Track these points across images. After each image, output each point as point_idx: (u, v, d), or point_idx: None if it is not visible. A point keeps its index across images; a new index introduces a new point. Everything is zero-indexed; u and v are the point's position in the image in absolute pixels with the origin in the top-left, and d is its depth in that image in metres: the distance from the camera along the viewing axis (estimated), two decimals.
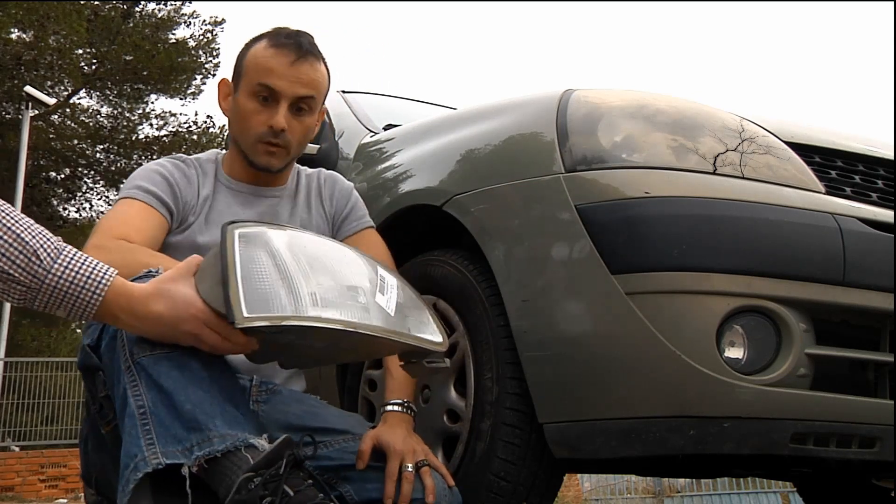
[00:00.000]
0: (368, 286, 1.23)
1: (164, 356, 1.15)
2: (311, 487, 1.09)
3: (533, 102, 1.67)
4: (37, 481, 8.39)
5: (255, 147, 1.54)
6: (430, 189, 1.76)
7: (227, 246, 1.13)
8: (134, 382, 1.14)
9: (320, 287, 1.16)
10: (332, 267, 1.23)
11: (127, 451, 1.11)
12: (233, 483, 1.06)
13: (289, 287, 1.13)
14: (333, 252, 1.30)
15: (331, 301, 1.15)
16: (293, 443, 1.10)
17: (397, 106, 2.94)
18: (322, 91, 1.58)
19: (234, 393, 1.19)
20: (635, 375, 1.36)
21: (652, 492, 8.62)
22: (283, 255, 1.17)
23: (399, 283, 1.31)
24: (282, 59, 1.51)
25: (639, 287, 1.35)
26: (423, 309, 1.31)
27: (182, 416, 1.11)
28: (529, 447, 1.49)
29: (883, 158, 1.63)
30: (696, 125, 1.51)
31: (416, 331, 1.25)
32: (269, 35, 1.56)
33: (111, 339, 1.19)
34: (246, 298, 1.08)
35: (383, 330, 1.18)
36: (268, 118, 1.51)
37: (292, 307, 1.11)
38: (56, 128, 15.01)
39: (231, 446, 1.09)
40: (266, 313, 1.08)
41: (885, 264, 1.41)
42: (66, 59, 13.56)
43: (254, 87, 1.52)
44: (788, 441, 1.33)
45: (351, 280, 1.22)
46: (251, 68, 1.54)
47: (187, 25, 15.37)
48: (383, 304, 1.22)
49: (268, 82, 1.51)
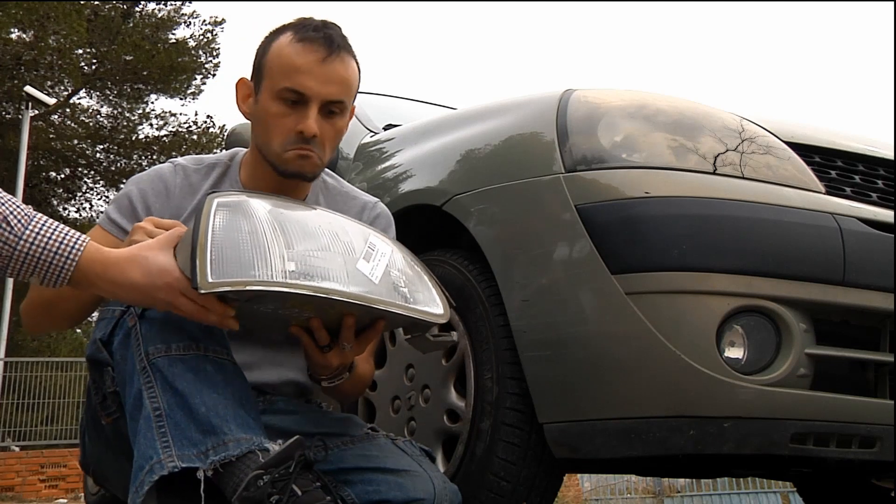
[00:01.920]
0: (352, 253, 1.19)
1: (179, 358, 1.15)
2: (319, 489, 1.09)
3: (533, 102, 1.67)
4: (37, 481, 8.38)
5: (283, 154, 1.35)
6: (430, 189, 1.76)
7: (202, 214, 1.12)
8: (149, 384, 1.14)
9: (295, 253, 1.12)
10: (314, 234, 1.18)
11: (142, 452, 1.11)
12: (241, 481, 1.06)
13: (260, 253, 1.10)
14: (318, 220, 1.24)
15: (305, 267, 1.11)
16: (304, 444, 1.11)
17: (397, 106, 2.94)
18: (354, 91, 1.40)
19: (246, 396, 1.19)
20: (635, 375, 1.36)
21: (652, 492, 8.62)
22: (261, 223, 1.15)
23: (395, 253, 1.25)
24: (311, 57, 1.32)
25: (639, 287, 1.35)
26: (424, 280, 1.26)
27: (197, 419, 1.11)
28: (529, 447, 1.49)
29: (883, 158, 1.64)
30: (696, 125, 1.51)
31: (412, 301, 1.20)
32: (294, 27, 1.36)
33: (125, 335, 1.19)
34: (212, 264, 1.06)
35: (360, 297, 1.13)
36: (296, 122, 1.32)
37: (260, 273, 1.08)
38: (56, 128, 15.01)
39: (245, 450, 1.09)
40: (231, 278, 1.07)
41: (885, 264, 1.41)
42: (66, 59, 13.55)
43: (280, 89, 1.32)
44: (788, 441, 1.33)
45: (332, 247, 1.18)
46: (275, 67, 1.34)
47: (187, 25, 15.38)
48: (366, 272, 1.16)
49: (296, 85, 1.31)
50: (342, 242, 1.20)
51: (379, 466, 1.33)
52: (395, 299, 1.18)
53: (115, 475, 1.36)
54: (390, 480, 1.30)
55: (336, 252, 1.17)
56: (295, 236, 1.16)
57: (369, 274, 1.17)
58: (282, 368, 1.45)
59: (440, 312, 1.23)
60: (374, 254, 1.21)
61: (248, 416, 1.15)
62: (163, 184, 1.42)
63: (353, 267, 1.16)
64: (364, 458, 1.34)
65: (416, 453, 1.37)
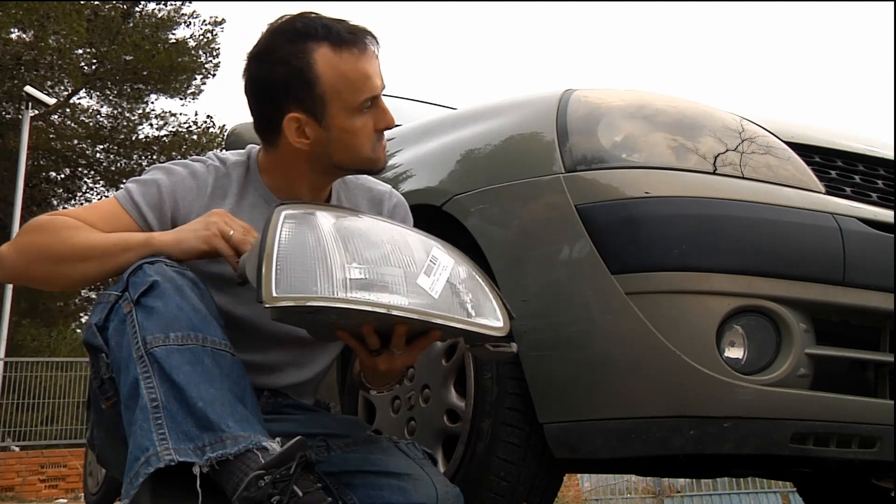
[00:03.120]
0: (413, 266, 1.20)
1: (177, 349, 1.14)
2: (321, 490, 1.09)
3: (533, 102, 1.67)
4: (37, 481, 8.39)
5: (373, 156, 1.36)
6: (430, 189, 1.76)
7: (269, 227, 1.14)
8: (147, 374, 1.13)
9: (358, 268, 1.14)
10: (377, 246, 1.20)
11: (138, 443, 1.10)
12: (242, 480, 1.06)
13: (324, 267, 1.12)
14: (381, 232, 1.25)
15: (366, 282, 1.13)
16: (306, 444, 1.10)
17: (397, 106, 2.93)
18: None
19: (245, 390, 1.18)
20: (635, 375, 1.36)
21: (652, 492, 8.62)
22: (326, 235, 1.17)
23: (457, 264, 1.26)
24: (360, 59, 1.31)
25: (639, 287, 1.35)
26: (486, 291, 1.26)
27: (194, 413, 1.10)
28: (529, 447, 1.49)
29: (883, 158, 1.64)
30: (696, 125, 1.51)
31: (472, 314, 1.20)
32: (325, 38, 1.31)
33: (120, 322, 1.18)
34: (277, 278, 1.09)
35: (418, 312, 1.14)
36: (376, 121, 1.34)
37: (322, 288, 1.10)
38: (56, 128, 15.01)
39: (243, 449, 1.09)
40: (295, 293, 1.09)
41: (885, 264, 1.41)
42: (66, 59, 13.55)
43: (360, 101, 1.31)
44: (788, 441, 1.33)
45: (394, 260, 1.19)
46: (343, 85, 1.30)
47: (187, 25, 15.38)
48: (426, 287, 1.18)
49: (373, 90, 1.31)
50: (404, 256, 1.21)
51: (381, 470, 1.32)
52: (455, 313, 1.19)
53: (115, 458, 1.34)
54: (393, 485, 1.30)
55: (397, 266, 1.18)
56: (357, 249, 1.17)
57: (429, 289, 1.18)
58: (304, 370, 1.45)
59: (499, 325, 1.22)
60: (436, 267, 1.22)
61: (247, 412, 1.14)
62: (195, 181, 1.38)
63: (413, 281, 1.17)
64: (367, 461, 1.34)
65: (418, 457, 1.37)
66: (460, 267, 1.26)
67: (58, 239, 1.26)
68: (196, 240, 1.25)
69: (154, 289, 1.18)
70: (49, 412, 9.61)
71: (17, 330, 13.00)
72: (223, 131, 14.74)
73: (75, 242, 1.26)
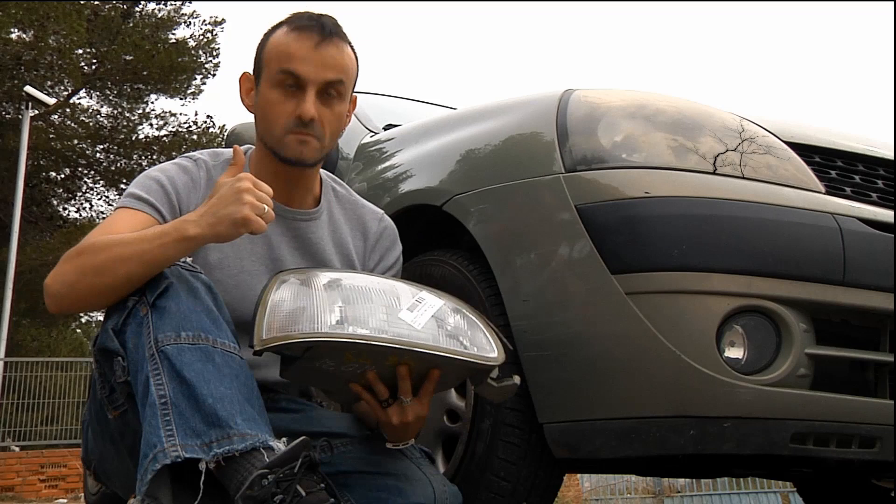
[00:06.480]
0: (397, 305, 1.25)
1: (188, 347, 1.15)
2: (323, 491, 1.09)
3: (533, 102, 1.67)
4: (37, 481, 8.39)
5: (283, 140, 1.39)
6: (430, 189, 1.76)
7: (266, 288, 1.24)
8: (157, 371, 1.14)
9: (341, 308, 1.21)
10: (363, 293, 1.25)
11: (147, 440, 1.11)
12: (245, 479, 1.06)
13: (310, 311, 1.19)
14: (371, 282, 1.31)
15: (349, 318, 1.19)
16: (310, 444, 1.11)
17: (397, 106, 2.94)
18: (351, 75, 1.44)
19: (253, 391, 1.19)
20: (635, 375, 1.36)
21: (652, 492, 8.62)
22: (315, 289, 1.24)
23: (446, 305, 1.30)
24: (305, 43, 1.37)
25: (639, 287, 1.35)
26: (478, 326, 1.30)
27: (202, 409, 1.11)
28: (529, 447, 1.49)
29: (883, 158, 1.63)
30: (696, 125, 1.51)
31: (462, 347, 1.24)
32: (289, 20, 1.43)
33: (137, 324, 1.19)
34: (267, 322, 1.18)
35: (401, 342, 1.19)
36: (295, 107, 1.37)
37: (306, 326, 1.17)
38: (56, 128, 15.00)
39: (250, 446, 1.09)
40: (281, 334, 1.17)
41: (885, 264, 1.41)
42: (66, 59, 13.55)
43: (277, 75, 1.38)
44: (788, 441, 1.33)
45: (378, 300, 1.24)
46: (272, 56, 1.40)
47: (187, 25, 15.37)
48: (408, 320, 1.22)
49: (291, 68, 1.37)
50: (389, 298, 1.26)
51: (379, 470, 1.32)
52: (440, 343, 1.22)
53: (118, 473, 1.35)
54: (390, 485, 1.30)
55: (380, 305, 1.24)
56: (343, 293, 1.24)
57: (411, 321, 1.23)
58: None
59: (493, 355, 1.25)
60: (421, 305, 1.27)
61: (255, 412, 1.15)
62: (188, 176, 1.44)
63: (395, 316, 1.22)
64: (364, 461, 1.34)
65: (416, 456, 1.36)
66: (448, 305, 1.30)
67: (92, 251, 1.25)
68: (232, 225, 1.21)
69: (168, 290, 1.20)
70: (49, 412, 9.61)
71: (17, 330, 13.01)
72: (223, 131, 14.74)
73: (110, 248, 1.25)
